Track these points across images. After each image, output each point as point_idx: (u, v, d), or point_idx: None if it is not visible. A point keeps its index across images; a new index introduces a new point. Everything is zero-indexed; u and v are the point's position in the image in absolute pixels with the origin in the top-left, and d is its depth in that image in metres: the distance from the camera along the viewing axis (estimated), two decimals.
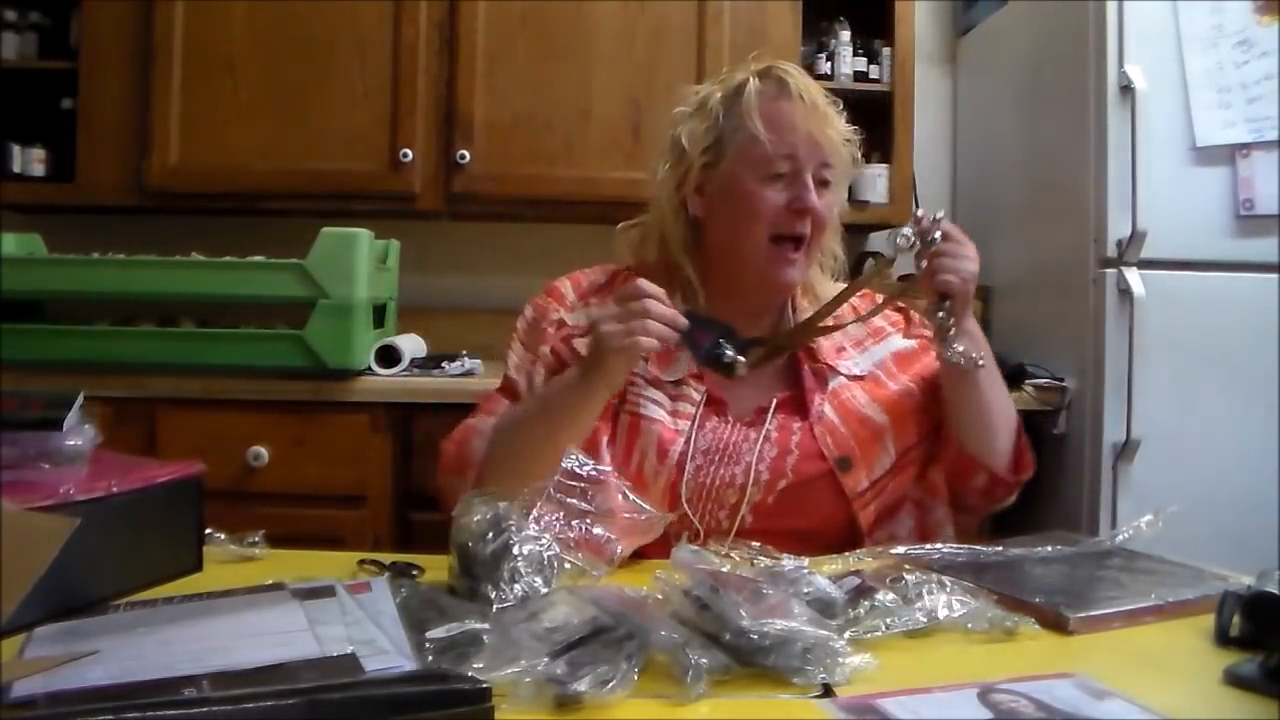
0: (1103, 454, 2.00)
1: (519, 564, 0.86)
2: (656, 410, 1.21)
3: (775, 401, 1.23)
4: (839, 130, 1.22)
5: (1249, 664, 0.76)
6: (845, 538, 1.18)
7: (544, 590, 0.85)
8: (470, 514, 0.90)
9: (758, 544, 0.97)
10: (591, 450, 1.18)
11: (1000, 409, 1.24)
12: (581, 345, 1.23)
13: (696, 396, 1.21)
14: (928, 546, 1.07)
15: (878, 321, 1.32)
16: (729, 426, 1.22)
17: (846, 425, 1.23)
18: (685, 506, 1.17)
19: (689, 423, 1.20)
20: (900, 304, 1.31)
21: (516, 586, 0.85)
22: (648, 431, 1.19)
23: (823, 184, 1.21)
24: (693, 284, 1.27)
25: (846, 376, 1.26)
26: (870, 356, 1.30)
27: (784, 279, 1.23)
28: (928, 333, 1.30)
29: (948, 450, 1.26)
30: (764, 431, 1.20)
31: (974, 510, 1.31)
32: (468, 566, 0.88)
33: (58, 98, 2.36)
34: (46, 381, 1.78)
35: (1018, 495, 1.29)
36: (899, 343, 1.33)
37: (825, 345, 1.28)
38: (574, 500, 0.99)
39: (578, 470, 1.04)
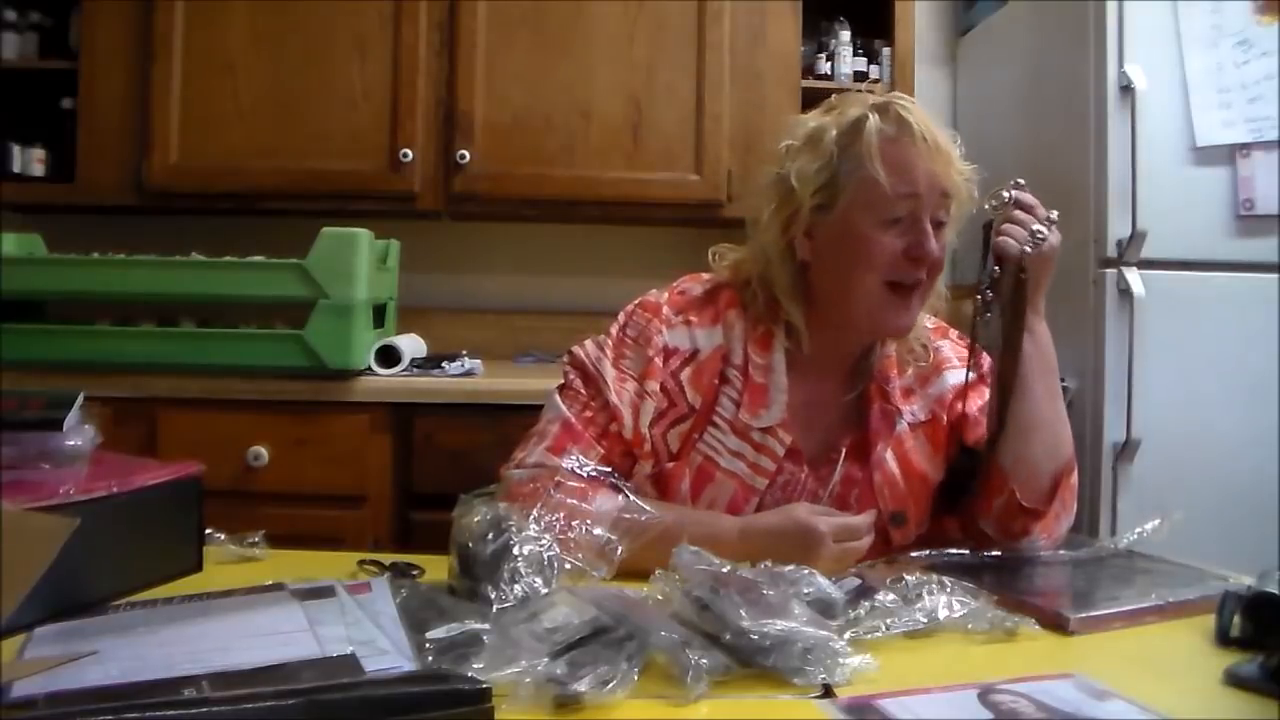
0: (1103, 454, 1.99)
1: (519, 564, 0.86)
2: (736, 463, 1.16)
3: (844, 453, 1.18)
4: (960, 170, 1.14)
5: (1249, 664, 0.76)
6: None
7: (544, 591, 0.85)
8: (470, 514, 0.90)
9: None
10: (666, 487, 1.16)
11: (1045, 427, 1.15)
12: (686, 379, 1.17)
13: (780, 450, 1.16)
14: (929, 551, 1.07)
15: (945, 351, 1.26)
16: (800, 478, 1.18)
17: (907, 481, 1.19)
18: None
19: (766, 480, 1.16)
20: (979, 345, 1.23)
21: (517, 587, 0.85)
22: (722, 484, 1.15)
23: (939, 225, 1.14)
24: (797, 327, 1.19)
25: (910, 424, 1.21)
26: (930, 395, 1.24)
27: (898, 325, 1.16)
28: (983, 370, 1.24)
29: (981, 465, 1.19)
30: (830, 488, 1.17)
31: (980, 546, 1.17)
32: (468, 567, 0.88)
33: (58, 98, 2.36)
34: (46, 381, 1.78)
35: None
36: (957, 375, 1.24)
37: (898, 387, 1.22)
38: (574, 501, 0.98)
39: (578, 471, 1.04)
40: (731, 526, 1.09)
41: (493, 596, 0.84)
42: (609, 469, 1.08)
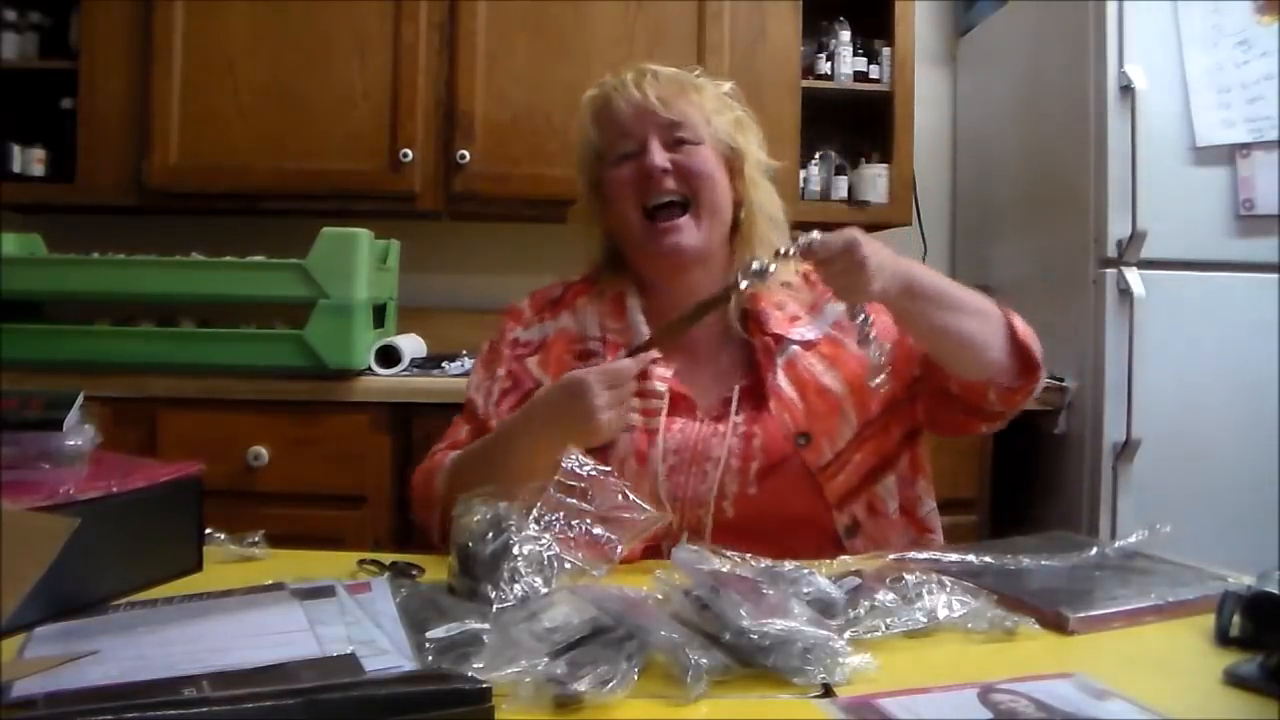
0: (1103, 454, 2.00)
1: (519, 564, 0.86)
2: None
3: (737, 390, 1.21)
4: (679, 93, 1.25)
5: (1249, 664, 0.76)
6: (825, 519, 1.17)
7: (544, 590, 0.85)
8: (470, 514, 0.90)
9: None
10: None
11: (970, 329, 1.17)
12: (533, 364, 1.28)
13: (661, 388, 1.20)
14: (928, 554, 1.07)
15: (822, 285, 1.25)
16: (698, 424, 1.20)
17: (804, 400, 1.20)
18: (667, 506, 1.15)
19: (658, 420, 1.19)
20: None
21: (516, 586, 0.84)
22: (623, 440, 1.18)
23: (680, 142, 1.23)
24: (642, 284, 1.30)
25: (800, 344, 1.24)
26: (824, 319, 1.27)
27: (670, 245, 1.23)
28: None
29: (950, 383, 1.21)
30: (731, 424, 1.19)
31: (999, 417, 1.24)
32: (468, 566, 0.88)
33: (58, 98, 2.36)
34: (46, 381, 1.78)
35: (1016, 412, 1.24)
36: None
37: (776, 315, 1.25)
38: (574, 500, 0.99)
39: (578, 470, 1.04)
40: (517, 414, 1.18)
41: (493, 596, 0.83)
42: (608, 469, 1.08)
